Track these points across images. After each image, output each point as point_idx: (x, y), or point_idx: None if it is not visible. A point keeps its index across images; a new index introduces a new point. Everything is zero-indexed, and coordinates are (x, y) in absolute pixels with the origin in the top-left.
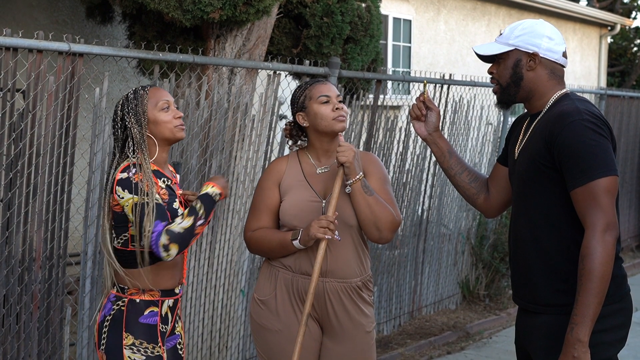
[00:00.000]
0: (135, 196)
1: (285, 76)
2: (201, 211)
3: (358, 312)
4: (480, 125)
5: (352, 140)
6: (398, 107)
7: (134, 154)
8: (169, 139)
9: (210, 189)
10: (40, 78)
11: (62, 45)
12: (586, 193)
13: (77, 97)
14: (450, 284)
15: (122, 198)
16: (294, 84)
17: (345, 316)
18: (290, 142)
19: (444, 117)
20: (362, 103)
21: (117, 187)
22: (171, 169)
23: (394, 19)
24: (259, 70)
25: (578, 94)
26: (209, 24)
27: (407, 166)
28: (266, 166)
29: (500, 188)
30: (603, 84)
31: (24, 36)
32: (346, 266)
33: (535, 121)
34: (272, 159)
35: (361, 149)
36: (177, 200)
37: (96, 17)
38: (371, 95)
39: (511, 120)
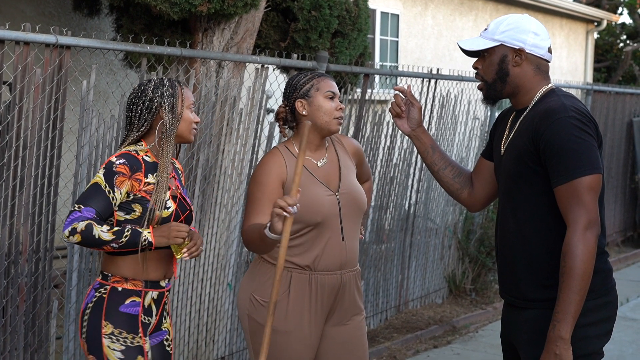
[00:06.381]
0: (102, 179)
1: (273, 70)
2: (123, 240)
3: (359, 297)
4: (467, 120)
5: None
6: (386, 102)
7: (140, 139)
8: (183, 137)
9: (147, 234)
10: (27, 70)
11: (50, 38)
12: (569, 190)
13: (64, 90)
14: (437, 278)
15: (97, 173)
16: (281, 78)
17: (353, 302)
18: (279, 126)
19: (431, 112)
20: (350, 97)
21: (104, 165)
22: (178, 165)
23: (382, 13)
24: (247, 63)
25: (564, 89)
26: (196, 17)
27: (394, 160)
28: (254, 160)
29: (484, 182)
30: (589, 79)
31: (11, 28)
32: (355, 254)
33: (521, 117)
34: (260, 152)
35: None
36: (166, 192)
37: (83, 10)
38: (359, 90)
39: (497, 114)
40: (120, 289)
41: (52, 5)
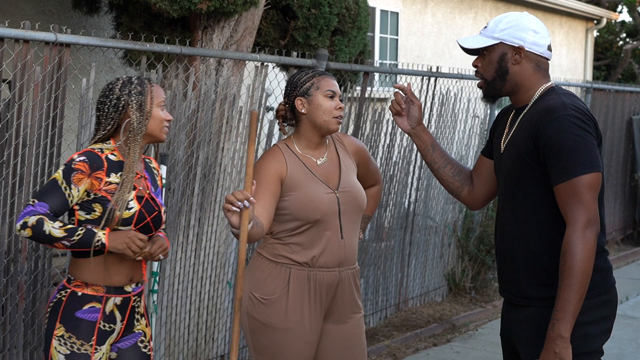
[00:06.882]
0: (60, 175)
1: (273, 68)
2: (75, 238)
3: (358, 295)
4: (467, 118)
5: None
6: (385, 99)
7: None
8: (153, 135)
9: (102, 235)
10: (27, 68)
11: (49, 36)
12: (569, 189)
13: (63, 88)
14: (437, 276)
15: (57, 170)
16: (281, 76)
17: (351, 300)
18: (278, 124)
19: (431, 110)
20: (350, 95)
21: (66, 162)
22: (154, 164)
23: (382, 11)
24: (247, 61)
25: (564, 87)
26: (196, 15)
27: (394, 158)
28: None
29: (484, 180)
30: (589, 77)
31: (10, 26)
32: (354, 252)
33: (521, 115)
34: (260, 150)
35: None
36: (131, 192)
37: (83, 8)
38: (358, 88)
39: (497, 112)
40: (80, 293)
41: (51, 3)
